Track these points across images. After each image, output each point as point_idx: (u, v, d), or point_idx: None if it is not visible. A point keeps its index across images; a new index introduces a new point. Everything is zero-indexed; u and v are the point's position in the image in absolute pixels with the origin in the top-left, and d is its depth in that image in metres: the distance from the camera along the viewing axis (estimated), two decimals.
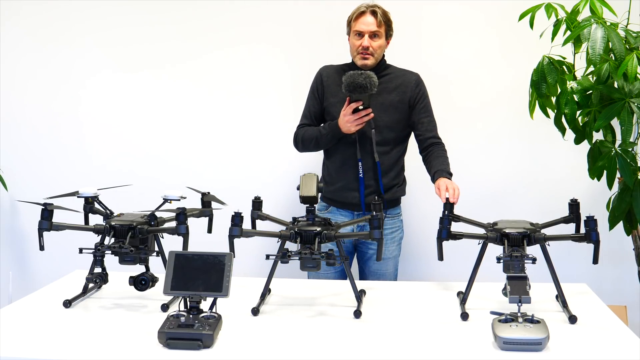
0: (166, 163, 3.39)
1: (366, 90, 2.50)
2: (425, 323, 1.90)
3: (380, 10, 2.70)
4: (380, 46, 2.70)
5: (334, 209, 2.74)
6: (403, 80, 2.74)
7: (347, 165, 2.67)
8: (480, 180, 3.28)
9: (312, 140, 2.71)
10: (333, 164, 2.74)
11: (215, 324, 1.70)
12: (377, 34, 2.68)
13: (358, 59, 2.70)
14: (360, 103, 2.56)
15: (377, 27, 2.67)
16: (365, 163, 2.65)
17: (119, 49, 3.39)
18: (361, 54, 2.68)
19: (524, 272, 1.82)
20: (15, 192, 3.40)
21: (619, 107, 2.48)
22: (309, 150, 2.78)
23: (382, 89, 2.67)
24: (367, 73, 2.51)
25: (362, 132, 2.62)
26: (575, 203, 2.13)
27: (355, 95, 2.54)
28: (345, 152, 2.68)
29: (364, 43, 2.66)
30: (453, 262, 2.31)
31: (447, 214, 2.08)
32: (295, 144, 2.80)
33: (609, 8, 2.58)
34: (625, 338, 1.78)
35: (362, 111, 2.56)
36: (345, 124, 2.59)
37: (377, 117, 2.63)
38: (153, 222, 2.08)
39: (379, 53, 2.71)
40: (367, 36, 2.66)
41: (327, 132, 2.66)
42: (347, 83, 2.51)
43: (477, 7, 3.24)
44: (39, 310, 2.00)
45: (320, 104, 2.77)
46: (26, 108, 3.44)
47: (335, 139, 2.67)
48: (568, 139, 2.75)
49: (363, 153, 2.64)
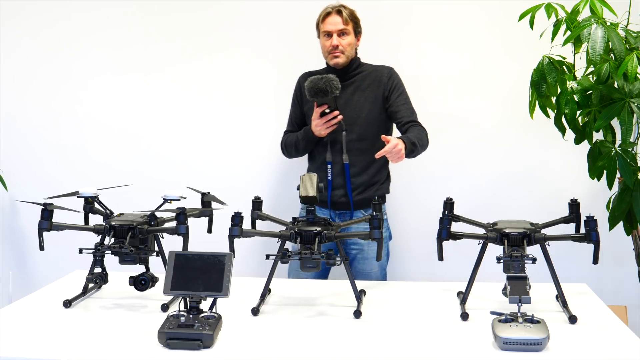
0: (166, 163, 3.39)
1: (327, 93, 2.57)
2: (425, 323, 1.90)
3: (346, 9, 2.77)
4: (349, 44, 2.76)
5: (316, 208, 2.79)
6: (376, 75, 2.80)
7: (324, 167, 2.74)
8: (480, 180, 3.28)
9: (293, 146, 2.82)
10: (312, 166, 2.85)
11: (215, 324, 1.70)
12: (345, 31, 2.75)
13: (330, 59, 2.77)
14: (326, 107, 2.62)
15: (344, 24, 2.74)
16: (337, 166, 2.71)
17: (119, 50, 3.38)
18: (332, 53, 2.75)
19: (524, 272, 1.82)
20: (15, 192, 3.40)
21: (619, 107, 2.48)
22: (292, 155, 2.89)
23: (356, 86, 2.77)
24: (327, 76, 2.58)
25: (334, 136, 2.69)
26: (575, 203, 2.13)
27: (319, 99, 2.60)
28: (322, 156, 2.76)
29: (333, 42, 2.73)
30: (453, 262, 2.31)
31: (447, 214, 2.08)
32: (281, 150, 2.92)
33: (609, 8, 2.57)
34: (625, 338, 1.78)
35: (329, 114, 2.63)
36: (315, 129, 2.68)
37: (355, 114, 2.70)
38: (153, 222, 2.08)
39: (350, 51, 2.77)
40: (335, 35, 2.73)
41: (303, 138, 2.77)
42: (309, 88, 2.58)
43: (477, 7, 3.24)
44: (39, 310, 2.00)
45: (300, 110, 2.87)
46: (26, 108, 3.44)
47: (311, 144, 2.77)
48: (568, 139, 2.75)
49: (335, 155, 2.70)
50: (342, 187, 2.72)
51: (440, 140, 3.31)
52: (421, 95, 3.29)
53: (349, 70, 2.77)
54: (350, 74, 2.78)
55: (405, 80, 2.85)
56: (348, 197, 2.71)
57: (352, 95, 2.74)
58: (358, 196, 2.73)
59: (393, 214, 3.05)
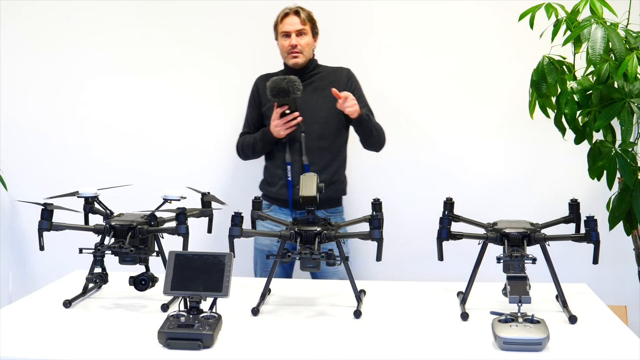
0: (166, 163, 3.39)
1: (289, 94, 2.60)
2: (425, 323, 1.90)
3: (304, 10, 2.82)
4: (307, 44, 2.80)
5: (276, 208, 2.83)
6: (334, 77, 2.84)
7: (283, 168, 2.77)
8: (480, 180, 3.28)
9: (250, 148, 2.84)
10: (271, 166, 2.86)
11: (215, 324, 1.70)
12: (303, 32, 2.80)
13: (289, 59, 2.81)
14: (287, 107, 2.64)
15: (302, 25, 2.79)
16: (296, 166, 2.73)
17: (119, 50, 3.39)
18: (291, 53, 2.79)
19: (524, 272, 1.82)
20: (15, 192, 3.40)
21: (619, 107, 2.48)
22: (248, 157, 2.91)
23: (315, 87, 2.80)
24: (289, 77, 2.61)
25: (292, 136, 2.71)
26: (575, 203, 2.12)
27: (280, 100, 2.62)
28: (281, 156, 2.78)
29: (291, 42, 2.77)
30: (453, 262, 2.31)
31: (447, 214, 2.08)
32: (237, 152, 2.93)
33: (609, 8, 2.57)
34: (625, 338, 1.77)
35: (289, 115, 2.64)
36: (274, 129, 2.70)
37: (313, 114, 2.72)
38: (153, 222, 2.08)
39: (308, 51, 2.81)
40: (293, 35, 2.78)
41: (261, 139, 2.79)
42: (271, 88, 2.61)
43: (477, 7, 3.24)
44: (39, 310, 2.00)
45: (258, 111, 2.88)
46: (26, 108, 3.45)
47: (269, 145, 2.79)
48: (568, 139, 2.75)
49: (294, 156, 2.73)
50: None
51: (440, 140, 3.32)
52: (421, 95, 3.31)
53: (306, 71, 2.81)
54: (308, 74, 2.82)
55: (406, 80, 2.85)
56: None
57: (311, 95, 2.76)
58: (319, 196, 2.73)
59: (393, 214, 3.04)
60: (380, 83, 3.29)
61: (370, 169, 3.30)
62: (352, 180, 3.01)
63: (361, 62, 3.25)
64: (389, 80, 3.31)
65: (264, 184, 2.92)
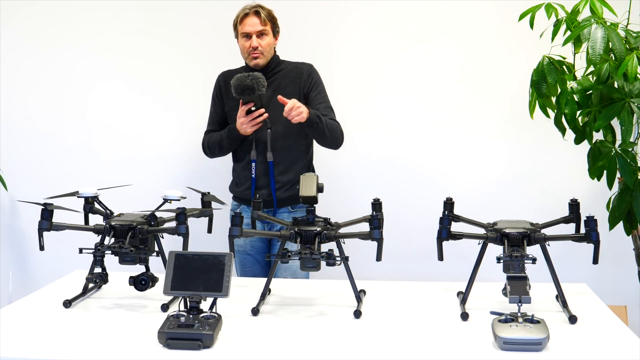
0: (166, 163, 3.39)
1: (254, 91, 2.57)
2: (425, 323, 1.90)
3: (264, 9, 2.77)
4: (268, 44, 2.77)
5: (245, 207, 2.80)
6: (296, 73, 2.81)
7: (249, 169, 2.75)
8: (480, 180, 3.28)
9: (216, 146, 2.81)
10: (238, 166, 2.84)
11: (215, 324, 1.70)
12: (264, 32, 2.75)
13: (249, 60, 2.77)
14: (252, 105, 2.62)
15: (263, 25, 2.74)
16: (260, 164, 2.72)
17: (119, 51, 3.39)
18: (252, 54, 2.75)
19: (524, 272, 1.81)
20: (15, 192, 3.40)
21: (619, 107, 2.48)
22: (215, 155, 2.87)
23: (277, 84, 2.77)
24: (254, 74, 2.58)
25: (259, 133, 2.69)
26: (575, 203, 2.12)
27: (245, 97, 2.60)
28: (247, 157, 2.76)
29: (252, 44, 2.74)
30: (453, 262, 2.31)
31: (447, 214, 2.08)
32: (203, 150, 2.89)
33: (609, 8, 2.58)
34: (625, 338, 1.77)
35: (254, 112, 2.62)
36: (240, 127, 2.67)
37: (278, 112, 2.66)
38: (153, 222, 2.08)
39: (269, 51, 2.78)
40: (254, 36, 2.74)
41: (227, 136, 2.76)
42: (235, 86, 2.58)
43: (477, 7, 3.24)
44: (39, 310, 2.00)
45: (222, 109, 2.85)
46: (26, 108, 3.45)
47: (236, 142, 2.76)
48: (568, 139, 2.75)
49: (260, 154, 2.72)
50: (267, 185, 2.73)
51: (440, 140, 3.32)
52: (421, 95, 3.30)
53: (268, 69, 2.78)
54: (270, 72, 2.78)
55: (405, 81, 2.85)
56: (272, 195, 2.72)
57: (274, 93, 2.72)
58: (284, 194, 2.74)
59: (393, 214, 3.04)
60: (380, 83, 3.30)
61: (371, 168, 3.30)
62: (352, 180, 3.01)
63: (363, 61, 3.26)
64: (390, 80, 3.31)
65: (233, 185, 2.90)
